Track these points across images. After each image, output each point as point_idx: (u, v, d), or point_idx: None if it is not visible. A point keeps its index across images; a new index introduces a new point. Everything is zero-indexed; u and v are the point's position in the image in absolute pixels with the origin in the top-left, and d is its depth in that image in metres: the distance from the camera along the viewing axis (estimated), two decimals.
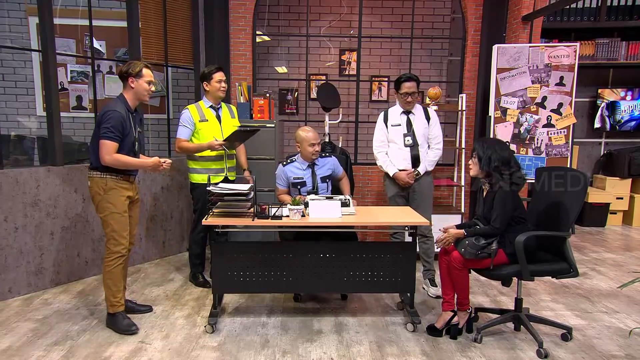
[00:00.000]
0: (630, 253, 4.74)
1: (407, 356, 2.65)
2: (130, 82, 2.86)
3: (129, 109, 2.89)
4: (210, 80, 3.47)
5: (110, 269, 2.88)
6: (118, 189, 2.87)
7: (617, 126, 5.89)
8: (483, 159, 2.76)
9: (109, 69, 4.89)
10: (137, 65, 2.87)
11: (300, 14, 6.24)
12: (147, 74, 2.89)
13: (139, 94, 2.89)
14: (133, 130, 2.89)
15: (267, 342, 2.80)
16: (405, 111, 3.53)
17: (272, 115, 4.33)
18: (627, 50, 5.61)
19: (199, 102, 3.58)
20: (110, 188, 2.85)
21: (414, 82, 3.43)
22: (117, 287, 2.91)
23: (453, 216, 4.39)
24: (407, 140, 3.49)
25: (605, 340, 2.87)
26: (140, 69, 2.86)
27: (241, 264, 2.96)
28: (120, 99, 2.89)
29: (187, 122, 3.45)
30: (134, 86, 2.86)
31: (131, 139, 2.87)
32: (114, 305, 2.91)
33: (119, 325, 2.89)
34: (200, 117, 3.47)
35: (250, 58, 4.85)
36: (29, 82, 4.82)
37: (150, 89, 2.93)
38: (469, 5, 4.84)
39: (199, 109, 3.51)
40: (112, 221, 2.86)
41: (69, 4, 4.68)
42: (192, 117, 3.45)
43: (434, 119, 3.58)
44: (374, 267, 2.98)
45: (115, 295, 2.91)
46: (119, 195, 2.87)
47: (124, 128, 2.80)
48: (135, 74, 2.85)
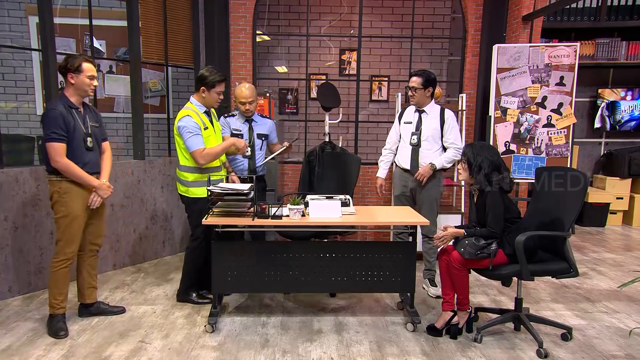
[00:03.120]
0: (630, 253, 4.74)
1: (407, 356, 2.65)
2: (69, 78, 2.75)
3: (72, 105, 2.78)
4: (210, 89, 3.14)
5: (55, 271, 2.84)
6: (74, 193, 2.80)
7: (617, 126, 5.89)
8: (473, 165, 2.76)
9: (109, 68, 4.89)
10: (76, 59, 2.75)
11: (301, 13, 6.23)
12: (88, 68, 2.76)
13: (80, 90, 2.79)
14: (81, 126, 2.80)
15: (267, 341, 2.80)
16: (418, 110, 3.48)
17: (272, 115, 4.33)
18: (627, 50, 5.61)
19: (192, 106, 3.19)
20: (65, 192, 2.78)
21: (417, 77, 3.37)
22: (59, 289, 2.87)
23: (453, 216, 4.39)
24: (413, 139, 3.46)
25: (605, 340, 2.87)
26: (79, 63, 2.73)
27: (241, 264, 2.96)
28: (60, 97, 2.81)
29: (195, 129, 3.08)
30: (74, 82, 2.75)
31: (79, 135, 2.78)
32: (53, 306, 2.88)
33: (52, 326, 2.86)
34: (203, 125, 3.16)
35: (250, 58, 4.85)
36: (29, 82, 4.82)
37: (93, 84, 2.80)
38: (469, 5, 4.84)
39: (198, 116, 3.15)
40: (63, 225, 2.81)
41: (69, 3, 4.68)
42: (197, 123, 3.11)
43: (449, 123, 3.43)
44: (374, 267, 2.98)
45: (56, 297, 2.87)
46: (75, 199, 2.80)
47: (67, 125, 2.72)
48: (74, 69, 2.73)
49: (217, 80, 3.15)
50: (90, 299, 3.11)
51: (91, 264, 3.09)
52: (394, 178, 3.66)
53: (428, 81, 3.38)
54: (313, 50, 6.26)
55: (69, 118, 2.74)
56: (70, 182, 2.79)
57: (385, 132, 4.19)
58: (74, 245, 2.85)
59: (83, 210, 2.86)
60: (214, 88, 3.15)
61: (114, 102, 4.92)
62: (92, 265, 3.10)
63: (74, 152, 2.78)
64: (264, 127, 3.60)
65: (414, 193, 3.53)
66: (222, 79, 3.19)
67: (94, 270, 3.12)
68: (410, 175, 3.49)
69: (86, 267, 3.07)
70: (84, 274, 3.07)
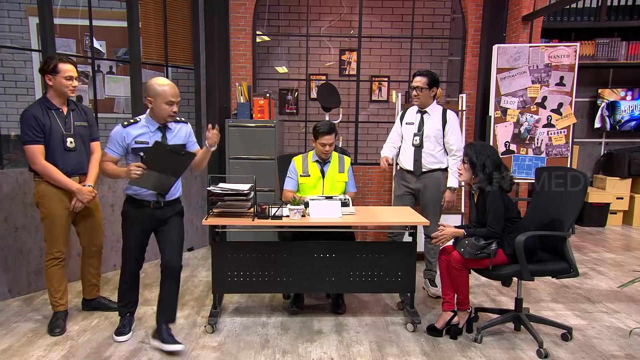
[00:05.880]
0: (630, 253, 4.74)
1: (407, 356, 2.65)
2: (47, 80, 2.76)
3: (51, 106, 2.78)
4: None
5: (47, 269, 2.90)
6: (51, 194, 2.80)
7: (617, 126, 5.89)
8: (477, 165, 2.76)
9: (109, 69, 4.89)
10: (53, 60, 2.74)
11: (300, 13, 6.24)
12: (65, 69, 2.74)
13: (59, 91, 2.78)
14: (59, 126, 2.78)
15: (267, 342, 2.80)
16: (421, 110, 3.46)
17: (272, 116, 4.33)
18: (627, 50, 5.60)
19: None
20: (43, 194, 2.80)
21: (422, 77, 3.34)
22: (55, 287, 2.91)
23: (453, 216, 4.38)
24: (415, 140, 3.43)
25: (606, 340, 2.86)
26: (55, 64, 2.72)
27: (241, 264, 2.96)
28: (41, 98, 2.82)
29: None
30: (52, 83, 2.75)
31: (57, 136, 2.77)
32: (52, 304, 2.94)
33: (50, 323, 2.91)
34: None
35: (250, 58, 4.85)
36: (29, 82, 4.82)
37: (72, 84, 2.78)
38: (469, 5, 4.84)
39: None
40: (46, 225, 2.85)
41: (69, 4, 4.68)
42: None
43: (450, 124, 3.39)
44: (374, 267, 2.98)
45: (53, 295, 2.92)
46: (53, 200, 2.81)
47: (43, 126, 2.71)
48: (50, 70, 2.73)
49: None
50: (91, 295, 3.19)
51: (92, 263, 3.13)
52: (396, 178, 3.66)
53: (433, 81, 3.36)
54: (313, 50, 6.27)
55: (45, 119, 2.74)
56: (48, 184, 2.80)
57: (385, 133, 4.19)
58: (59, 245, 2.87)
59: (63, 211, 2.85)
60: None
61: (114, 103, 4.92)
62: (93, 265, 3.14)
63: (53, 153, 2.78)
64: (179, 138, 2.75)
65: (416, 194, 3.53)
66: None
67: (95, 269, 3.15)
68: (413, 176, 3.48)
69: (87, 267, 3.13)
70: (85, 272, 3.14)
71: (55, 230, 2.84)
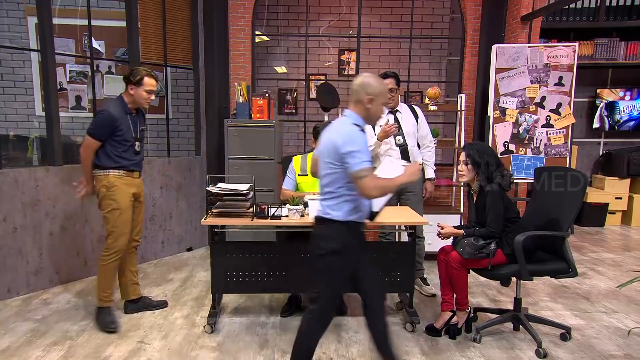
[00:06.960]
0: (629, 253, 4.75)
1: (407, 356, 2.65)
2: (129, 89, 2.89)
3: (127, 110, 2.91)
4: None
5: (105, 264, 2.93)
6: (121, 186, 2.90)
7: (616, 126, 5.90)
8: (482, 164, 2.75)
9: (108, 68, 4.89)
10: (140, 73, 2.87)
11: (300, 13, 6.23)
12: (149, 83, 2.89)
13: (136, 101, 2.92)
14: (131, 130, 2.92)
15: (266, 342, 2.80)
16: (391, 111, 3.46)
17: (271, 116, 4.33)
18: (626, 50, 5.61)
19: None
20: (112, 185, 2.88)
21: (392, 78, 3.41)
22: (109, 283, 2.96)
23: (452, 216, 4.39)
24: (398, 139, 3.42)
25: (604, 340, 2.87)
26: (141, 77, 2.87)
27: (240, 264, 2.96)
28: (119, 99, 2.92)
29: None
30: (133, 93, 2.89)
31: (128, 139, 2.90)
32: (102, 299, 2.97)
33: (102, 320, 2.94)
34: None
35: (249, 58, 4.84)
36: (28, 82, 4.82)
37: (150, 98, 2.93)
38: (468, 5, 4.84)
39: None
40: (113, 218, 2.89)
41: (68, 4, 4.68)
42: None
43: (422, 117, 3.55)
44: (374, 267, 2.97)
45: (105, 290, 2.96)
46: (122, 192, 2.90)
47: (114, 128, 2.83)
48: (135, 82, 2.86)
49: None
50: (135, 294, 3.19)
51: (131, 260, 3.16)
52: None
53: (399, 80, 3.46)
54: (312, 50, 6.26)
55: (122, 121, 2.87)
56: (116, 176, 2.89)
57: None
58: (124, 238, 2.94)
59: (130, 202, 2.96)
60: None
61: None
62: (132, 262, 3.17)
63: (123, 153, 2.90)
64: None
65: (399, 191, 3.49)
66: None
67: (134, 267, 3.19)
68: None
69: (127, 265, 3.13)
70: (126, 271, 3.14)
71: (123, 221, 2.91)
